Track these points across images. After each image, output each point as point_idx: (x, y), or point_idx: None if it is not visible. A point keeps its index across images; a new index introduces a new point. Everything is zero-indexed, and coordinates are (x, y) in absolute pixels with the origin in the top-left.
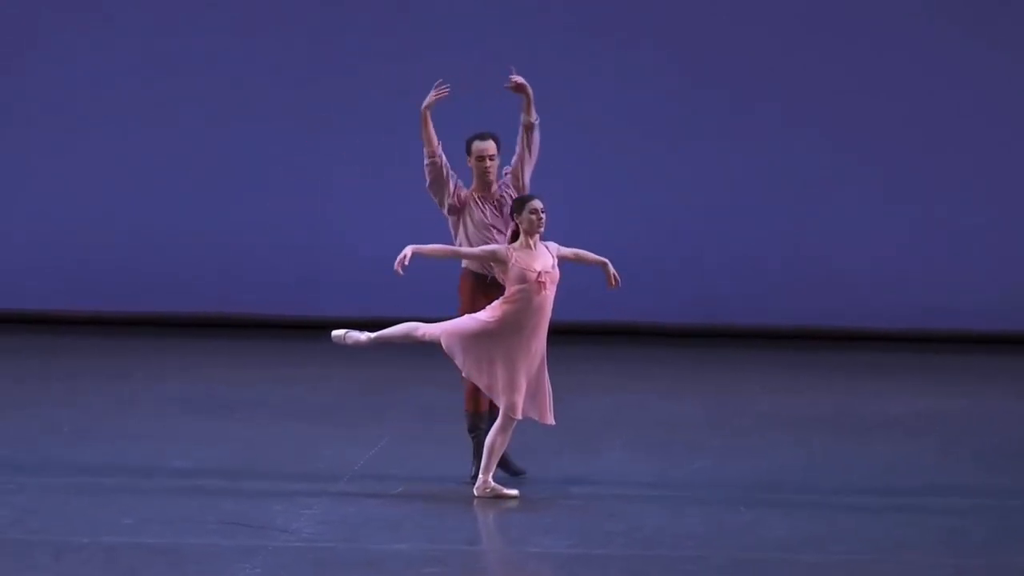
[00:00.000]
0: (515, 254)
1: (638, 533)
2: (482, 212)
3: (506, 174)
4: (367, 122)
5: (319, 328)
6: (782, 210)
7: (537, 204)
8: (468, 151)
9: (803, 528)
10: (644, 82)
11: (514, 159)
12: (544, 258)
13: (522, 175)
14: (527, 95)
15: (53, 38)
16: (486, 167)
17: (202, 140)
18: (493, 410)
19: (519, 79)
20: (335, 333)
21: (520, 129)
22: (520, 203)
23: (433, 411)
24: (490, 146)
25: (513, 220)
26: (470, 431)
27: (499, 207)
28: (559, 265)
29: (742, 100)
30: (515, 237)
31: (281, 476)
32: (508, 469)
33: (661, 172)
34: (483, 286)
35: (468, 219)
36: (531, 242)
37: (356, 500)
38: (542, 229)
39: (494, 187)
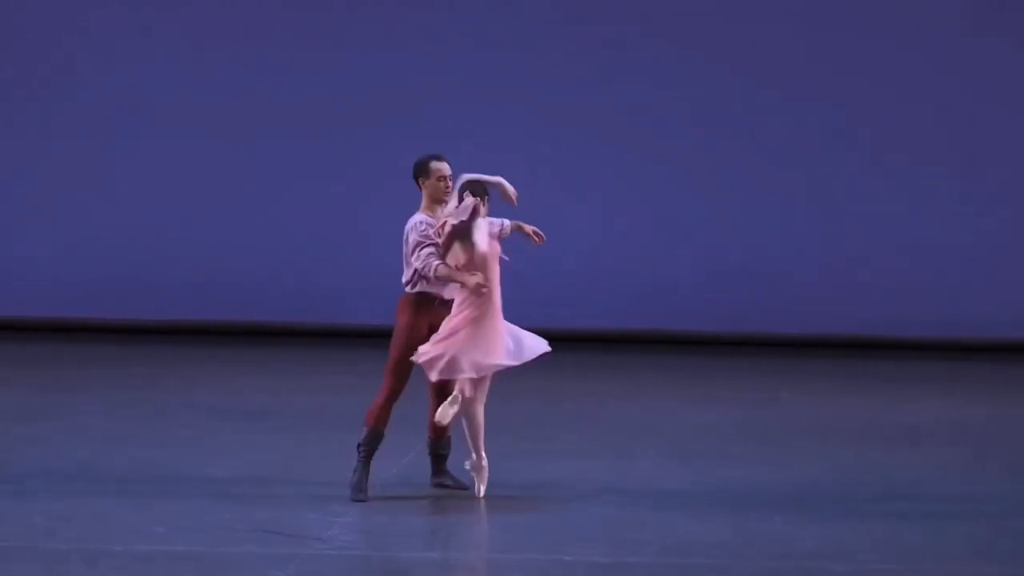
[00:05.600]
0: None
1: (669, 541)
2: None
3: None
4: (398, 134)
5: (350, 336)
6: (812, 220)
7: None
8: (427, 172)
9: (833, 537)
10: (678, 91)
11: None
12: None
13: None
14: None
15: (90, 54)
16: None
17: (233, 151)
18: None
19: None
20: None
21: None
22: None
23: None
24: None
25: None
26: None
27: None
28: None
29: (776, 111)
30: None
31: (314, 484)
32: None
33: (690, 181)
34: (429, 308)
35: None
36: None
37: (389, 508)
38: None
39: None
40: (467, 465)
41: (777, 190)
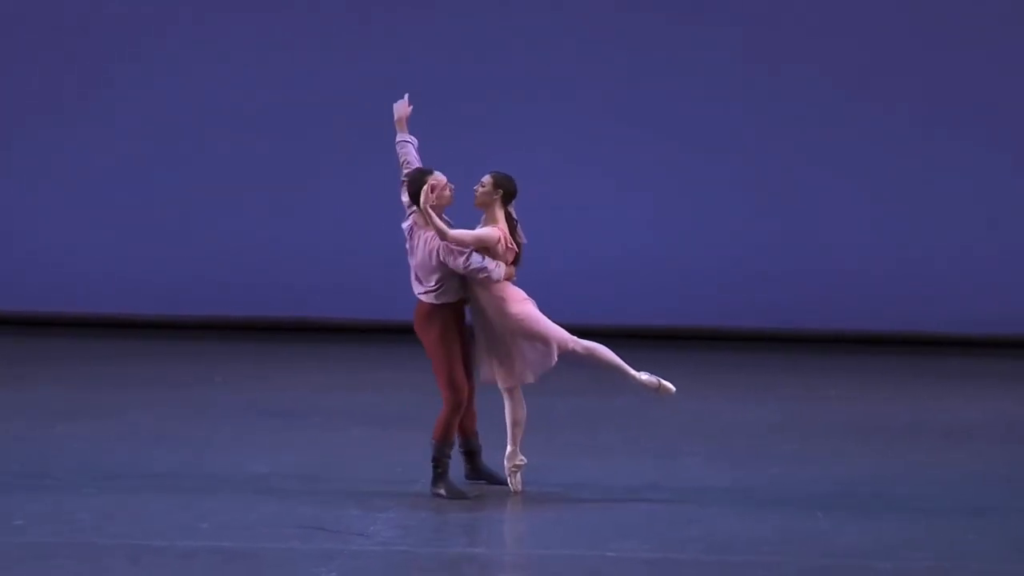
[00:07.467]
0: None
1: (714, 538)
2: None
3: None
4: (443, 132)
5: (394, 332)
6: (856, 215)
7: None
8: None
9: (878, 535)
10: (722, 91)
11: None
12: None
13: None
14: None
15: (143, 53)
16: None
17: (275, 148)
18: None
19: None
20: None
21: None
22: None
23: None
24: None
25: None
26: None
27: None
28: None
29: (827, 108)
30: None
31: (358, 480)
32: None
33: (731, 177)
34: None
35: None
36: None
37: (431, 504)
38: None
39: None
40: (515, 461)
41: (820, 186)
